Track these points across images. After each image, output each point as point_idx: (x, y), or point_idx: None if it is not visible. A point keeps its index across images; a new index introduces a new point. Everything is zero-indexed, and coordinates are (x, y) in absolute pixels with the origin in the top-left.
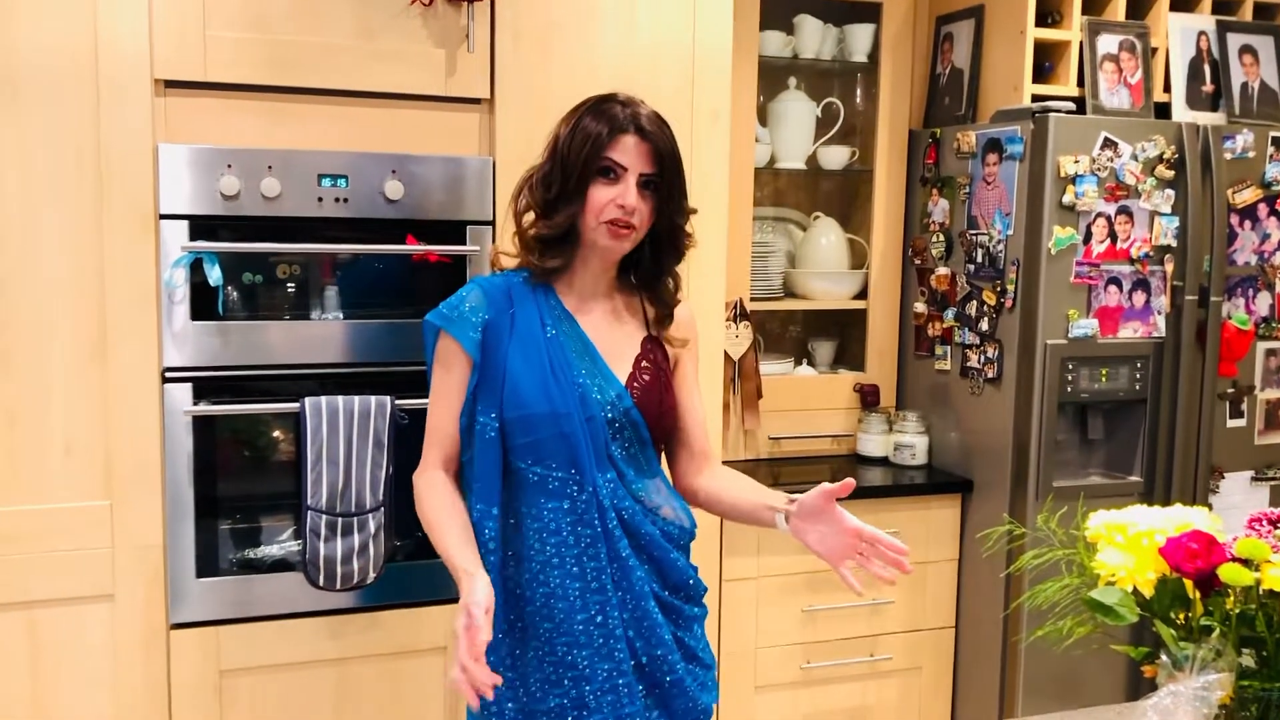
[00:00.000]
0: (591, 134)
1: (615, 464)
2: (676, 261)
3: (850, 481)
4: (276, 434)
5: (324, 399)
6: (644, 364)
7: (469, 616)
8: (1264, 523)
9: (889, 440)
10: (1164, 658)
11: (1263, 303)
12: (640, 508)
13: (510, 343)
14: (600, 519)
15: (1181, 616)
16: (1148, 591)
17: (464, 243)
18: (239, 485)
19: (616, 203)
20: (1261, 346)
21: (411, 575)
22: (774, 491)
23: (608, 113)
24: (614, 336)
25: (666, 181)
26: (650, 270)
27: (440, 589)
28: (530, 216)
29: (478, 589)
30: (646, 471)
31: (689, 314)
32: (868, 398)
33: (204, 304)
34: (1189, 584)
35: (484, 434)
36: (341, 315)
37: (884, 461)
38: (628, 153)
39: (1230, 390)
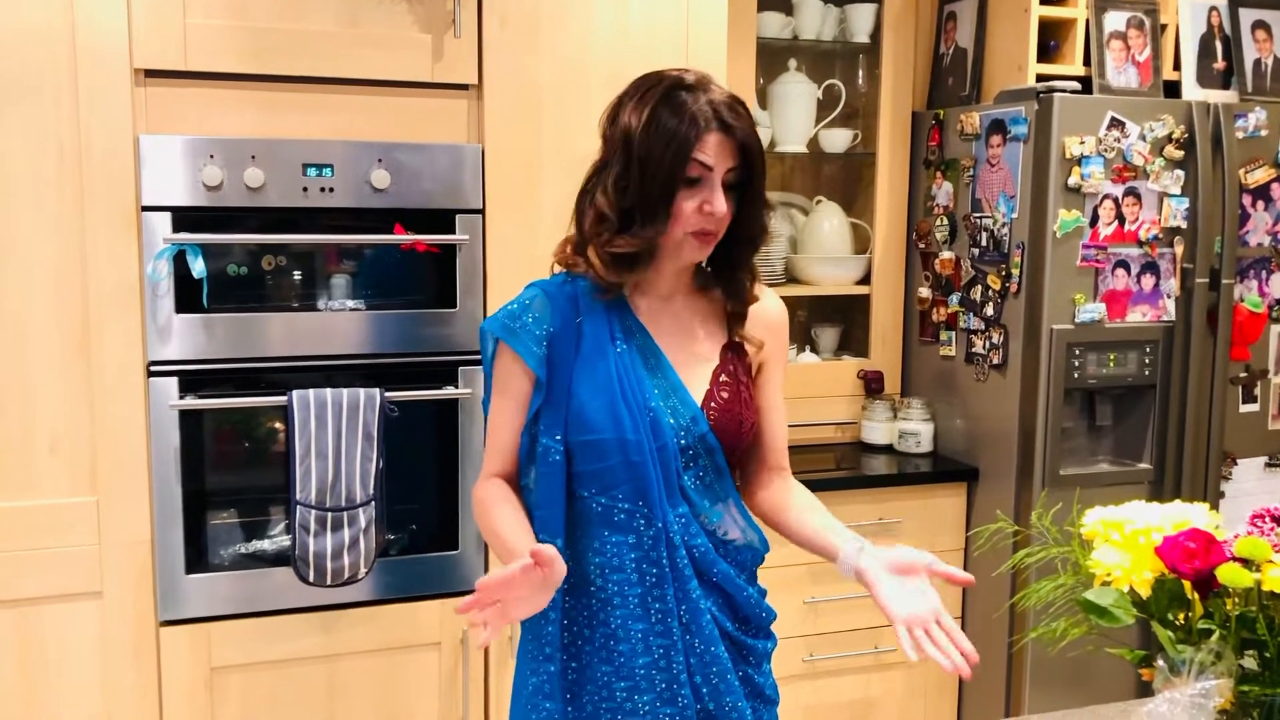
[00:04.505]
0: (675, 135)
1: (688, 496)
2: (753, 254)
3: (971, 578)
4: (265, 428)
5: (312, 392)
6: (723, 378)
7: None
8: (1266, 519)
9: (893, 428)
10: (1160, 662)
11: (1276, 285)
12: (713, 542)
13: (577, 359)
14: (669, 556)
15: (1180, 618)
16: (1144, 592)
17: (453, 231)
18: (227, 479)
19: (705, 209)
20: (1275, 330)
21: (403, 570)
22: (842, 531)
23: (686, 106)
24: (690, 347)
25: (753, 177)
26: (724, 265)
27: (433, 583)
28: (598, 223)
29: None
30: (721, 497)
31: (772, 312)
32: (871, 384)
33: (188, 296)
34: (1187, 585)
35: (547, 457)
36: (329, 306)
37: (888, 449)
38: (713, 151)
39: (1243, 375)
